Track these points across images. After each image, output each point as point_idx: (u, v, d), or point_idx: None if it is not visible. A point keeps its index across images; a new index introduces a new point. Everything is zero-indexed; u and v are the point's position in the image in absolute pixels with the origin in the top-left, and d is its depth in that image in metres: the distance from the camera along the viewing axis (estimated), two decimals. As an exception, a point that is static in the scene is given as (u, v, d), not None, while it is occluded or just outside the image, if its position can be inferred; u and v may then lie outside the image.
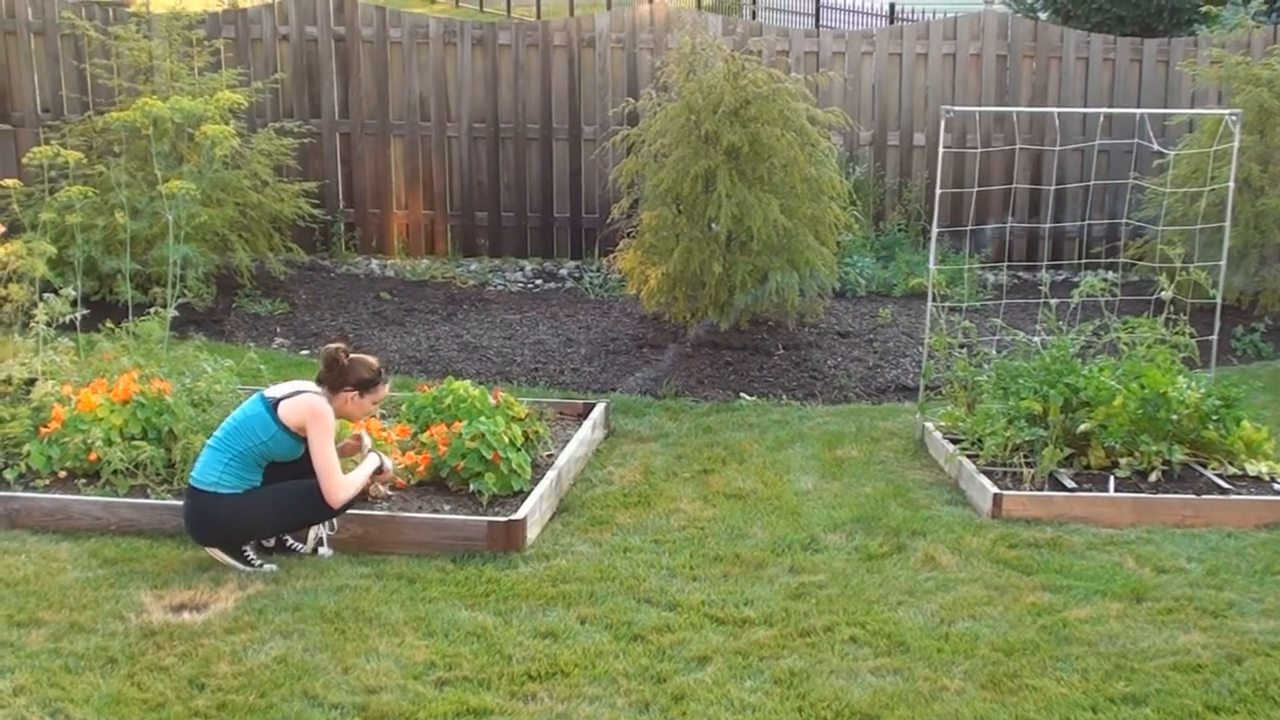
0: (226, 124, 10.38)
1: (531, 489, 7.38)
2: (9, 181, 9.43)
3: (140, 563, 6.70)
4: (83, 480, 7.49)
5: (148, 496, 7.32)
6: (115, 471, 7.43)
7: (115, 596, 6.31)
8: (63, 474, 7.55)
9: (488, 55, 12.98)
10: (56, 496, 7.25)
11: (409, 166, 13.23)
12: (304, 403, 6.62)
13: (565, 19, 13.71)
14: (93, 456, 7.47)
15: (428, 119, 13.10)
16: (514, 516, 6.95)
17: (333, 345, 6.83)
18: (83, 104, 12.70)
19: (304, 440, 6.62)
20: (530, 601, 6.32)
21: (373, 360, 6.90)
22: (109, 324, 8.98)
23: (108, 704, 5.38)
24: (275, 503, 6.65)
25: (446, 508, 7.24)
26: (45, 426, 7.65)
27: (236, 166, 11.37)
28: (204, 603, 6.25)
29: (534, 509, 7.10)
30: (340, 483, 6.59)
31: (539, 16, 27.61)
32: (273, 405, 6.62)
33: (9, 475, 7.51)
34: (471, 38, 13.00)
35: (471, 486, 7.38)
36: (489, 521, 6.93)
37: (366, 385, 6.81)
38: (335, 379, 6.77)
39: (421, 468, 7.51)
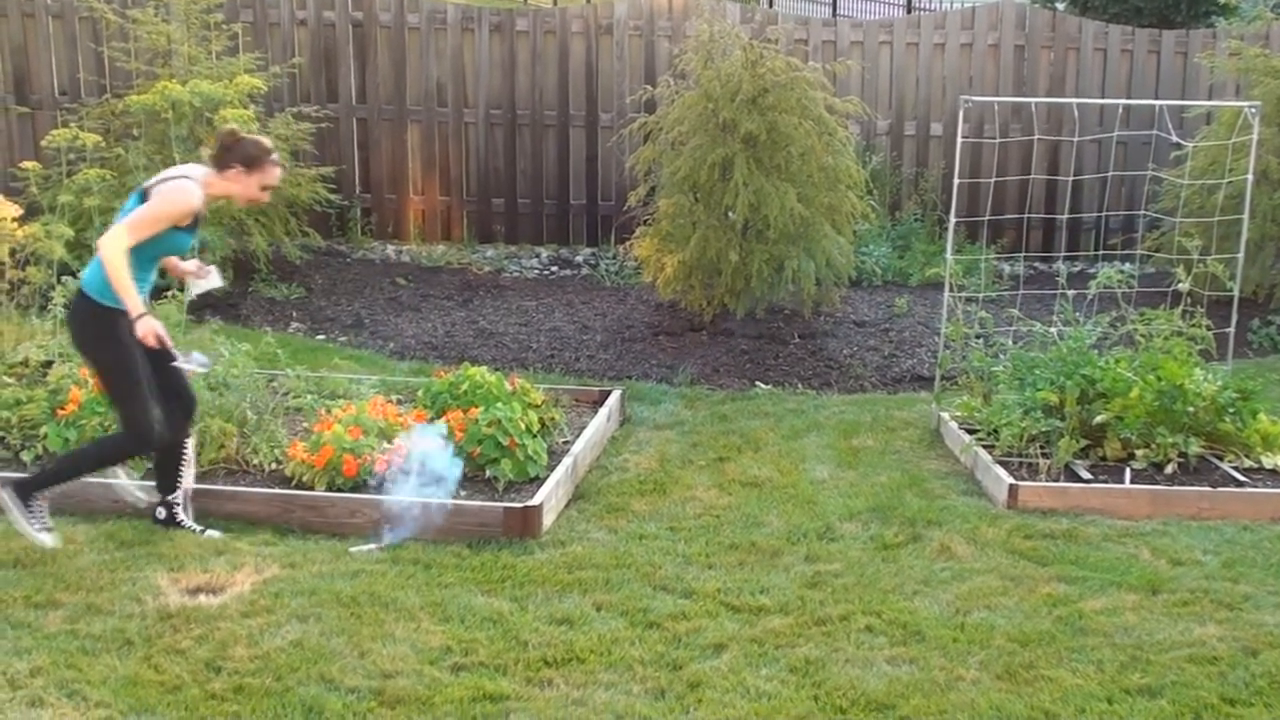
0: (245, 108, 10.39)
1: (547, 475, 7.38)
2: (27, 164, 9.45)
3: (156, 545, 6.72)
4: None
5: (164, 479, 7.33)
6: (132, 454, 7.45)
7: (132, 579, 6.32)
8: (80, 455, 7.57)
9: (505, 42, 12.98)
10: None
11: (426, 152, 13.23)
12: (168, 183, 6.38)
13: (583, 6, 13.73)
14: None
15: (445, 105, 13.10)
16: (530, 503, 6.95)
17: (228, 126, 6.78)
18: (100, 87, 12.71)
19: (182, 233, 6.47)
20: (546, 588, 6.33)
21: (265, 141, 6.73)
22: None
23: (124, 686, 5.39)
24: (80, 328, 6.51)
25: (463, 493, 7.25)
26: (62, 409, 7.67)
27: (254, 151, 11.36)
28: (220, 586, 6.27)
29: (550, 495, 7.11)
30: (121, 243, 6.22)
31: (556, 3, 27.60)
32: (144, 192, 6.38)
33: (26, 457, 7.54)
34: (489, 24, 12.99)
35: (488, 472, 7.39)
36: (505, 507, 6.94)
37: (253, 161, 6.56)
38: (221, 155, 6.55)
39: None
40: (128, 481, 7.09)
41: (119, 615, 5.97)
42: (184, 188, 6.36)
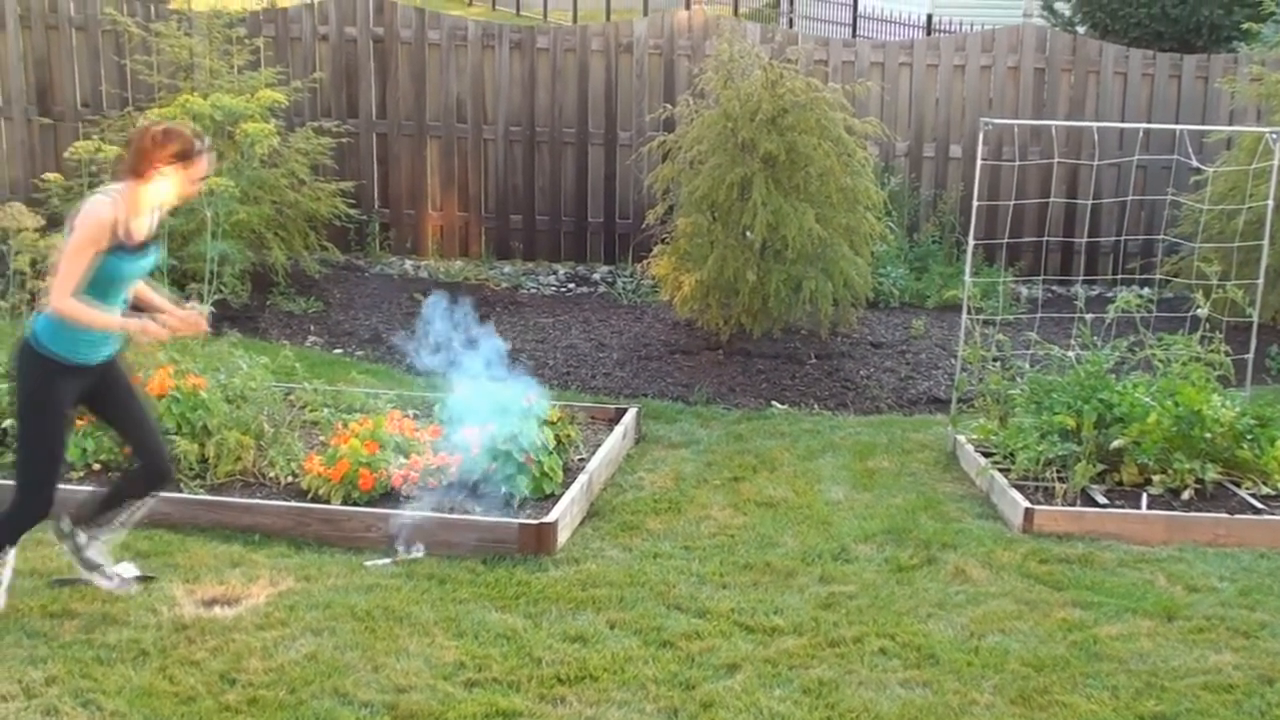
0: (267, 123, 10.43)
1: (563, 492, 7.39)
2: (50, 175, 9.51)
3: (172, 556, 6.74)
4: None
5: (180, 491, 7.35)
6: (149, 465, 7.47)
7: (147, 590, 6.34)
8: (97, 466, 7.61)
9: (525, 59, 13.01)
10: (92, 490, 7.27)
11: (445, 168, 13.26)
12: (82, 207, 5.83)
13: (604, 24, 13.75)
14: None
15: (464, 121, 13.13)
16: (545, 519, 6.96)
17: (141, 125, 6.13)
18: (122, 99, 12.76)
19: (119, 256, 5.84)
20: (560, 605, 6.34)
21: (188, 129, 6.08)
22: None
23: (139, 696, 5.42)
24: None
25: (478, 509, 7.26)
26: (80, 419, 7.68)
27: (274, 165, 11.42)
28: (236, 598, 6.29)
29: (565, 512, 7.12)
30: (64, 290, 5.70)
31: (575, 21, 27.67)
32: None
33: (44, 467, 7.55)
34: (510, 41, 13.03)
35: (504, 488, 7.40)
36: (520, 524, 6.95)
37: (189, 155, 5.91)
38: (142, 158, 5.88)
39: (453, 469, 7.53)
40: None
41: (134, 626, 5.99)
42: (90, 209, 5.79)
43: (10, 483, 6.07)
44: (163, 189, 5.96)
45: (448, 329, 8.05)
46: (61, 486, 6.11)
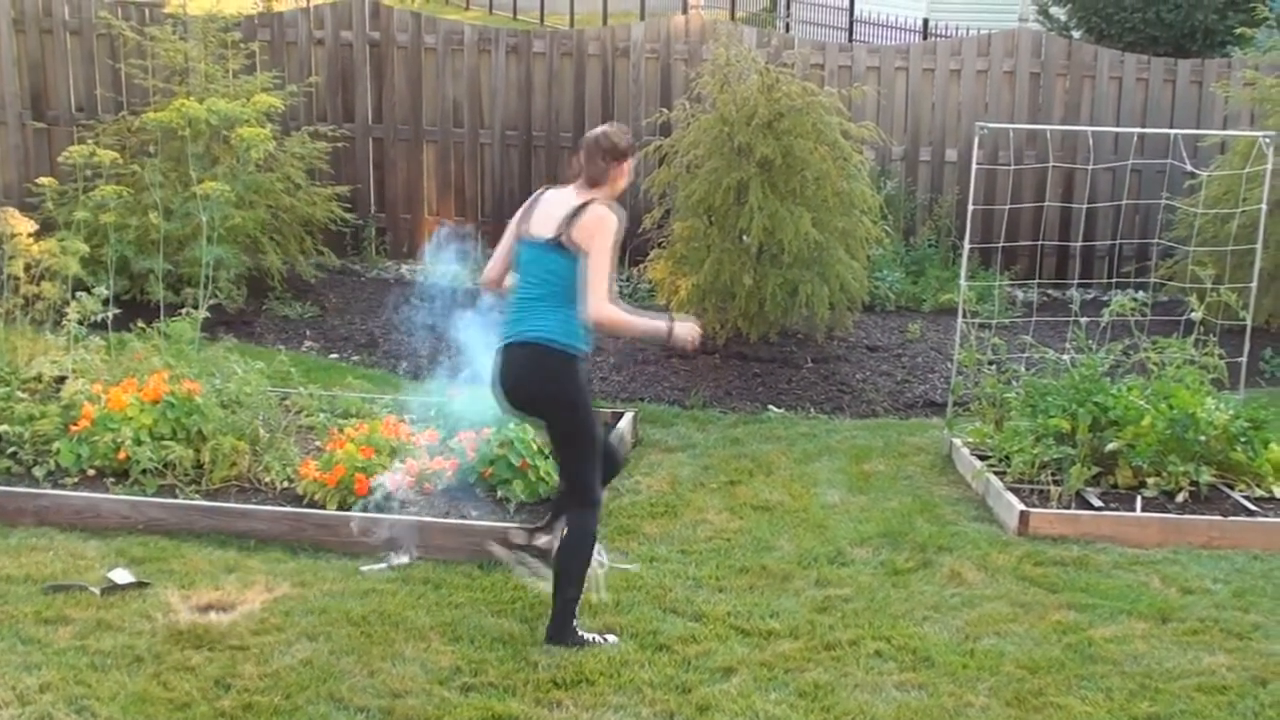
0: (263, 127, 10.42)
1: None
2: (44, 180, 9.50)
3: (167, 562, 6.74)
4: (111, 479, 7.53)
5: (176, 496, 7.36)
6: (144, 471, 7.48)
7: (142, 595, 6.35)
8: (91, 472, 7.60)
9: (522, 63, 13.01)
10: (86, 495, 7.29)
11: (441, 172, 13.26)
12: (594, 216, 6.01)
13: (600, 28, 13.74)
14: (122, 455, 7.52)
15: (461, 125, 13.13)
16: (540, 524, 6.96)
17: (600, 131, 6.32)
18: (117, 104, 12.76)
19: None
20: (556, 609, 6.33)
21: (620, 134, 6.33)
22: (140, 324, 9.04)
23: (134, 702, 5.42)
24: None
25: (474, 513, 7.26)
26: (75, 424, 7.70)
27: (270, 169, 11.41)
28: (231, 604, 6.29)
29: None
30: (603, 297, 5.89)
31: (572, 25, 27.68)
32: (555, 241, 6.00)
33: (38, 473, 7.56)
34: (506, 45, 13.03)
35: (499, 493, 7.40)
36: (516, 528, 6.94)
37: (626, 153, 6.25)
38: (609, 163, 6.19)
39: (450, 473, 7.53)
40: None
41: (129, 632, 5.99)
42: (607, 218, 6.00)
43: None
44: (617, 186, 6.23)
45: (441, 332, 8.10)
46: (55, 492, 6.11)
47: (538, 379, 6.04)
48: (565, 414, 6.06)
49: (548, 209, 6.16)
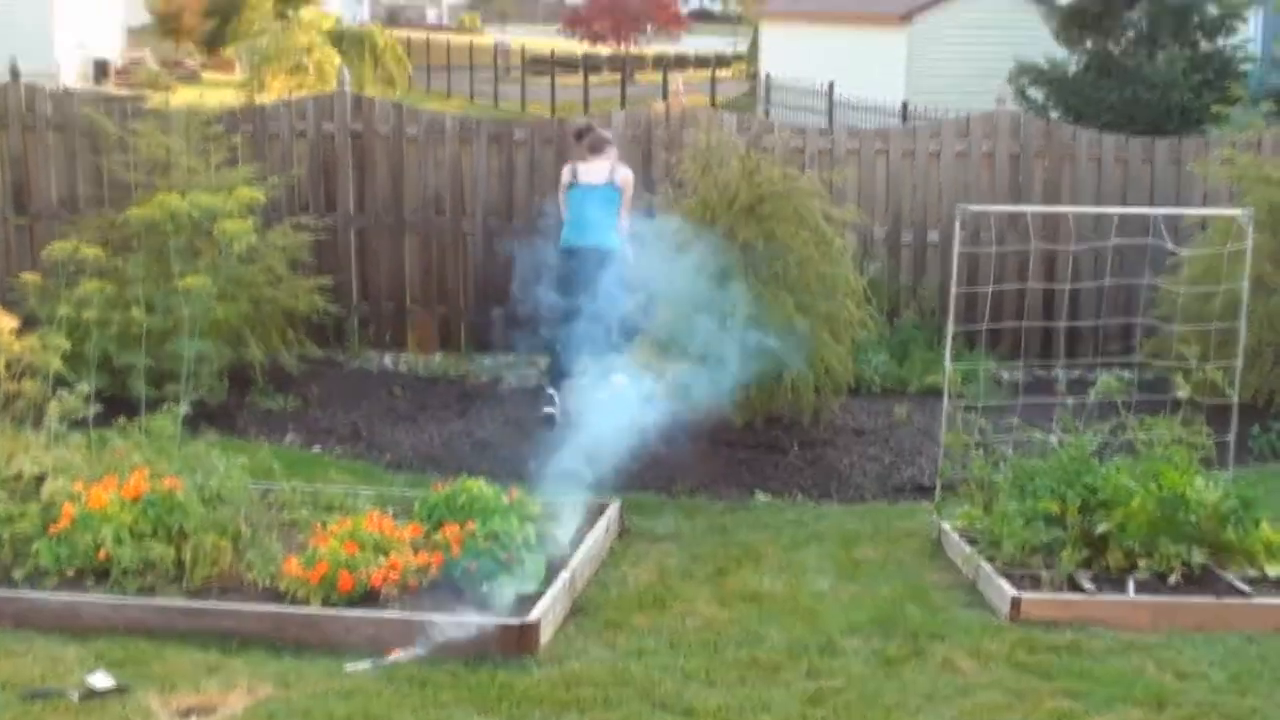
0: (245, 220, 10.40)
1: (545, 590, 7.30)
2: (26, 276, 9.47)
3: (148, 665, 6.63)
4: (91, 580, 7.42)
5: (156, 596, 7.26)
6: (125, 571, 7.37)
7: (122, 701, 6.23)
8: (71, 572, 7.48)
9: (503, 151, 13.03)
10: (65, 598, 7.18)
11: (423, 261, 13.24)
12: (627, 170, 10.99)
13: (581, 117, 13.79)
14: (102, 555, 7.41)
15: (442, 213, 13.14)
16: (527, 619, 6.88)
17: (595, 133, 11.09)
18: (99, 199, 12.74)
19: None
20: (544, 707, 6.24)
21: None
22: (122, 419, 8.95)
23: (114, 811, 5.30)
24: None
25: (459, 609, 7.17)
26: (55, 524, 7.59)
27: (252, 261, 11.36)
28: (212, 707, 6.18)
29: (547, 611, 7.04)
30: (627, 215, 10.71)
31: (553, 113, 27.86)
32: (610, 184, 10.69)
33: (17, 575, 7.45)
34: (487, 134, 13.07)
35: (484, 587, 7.31)
36: (501, 624, 6.86)
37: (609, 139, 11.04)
38: (605, 144, 10.94)
39: (434, 568, 7.44)
40: None
41: (109, 737, 5.88)
42: (629, 171, 11.08)
43: None
44: None
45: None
46: (34, 594, 6.01)
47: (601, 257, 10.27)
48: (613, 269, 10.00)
49: (591, 171, 10.80)
